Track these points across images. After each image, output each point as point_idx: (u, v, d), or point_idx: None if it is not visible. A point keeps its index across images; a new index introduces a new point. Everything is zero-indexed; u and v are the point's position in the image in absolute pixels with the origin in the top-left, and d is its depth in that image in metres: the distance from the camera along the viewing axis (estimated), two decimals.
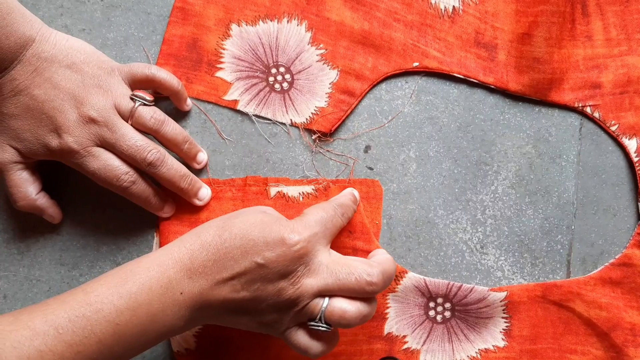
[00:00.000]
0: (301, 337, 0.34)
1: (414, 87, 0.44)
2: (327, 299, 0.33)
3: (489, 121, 0.44)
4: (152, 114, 0.38)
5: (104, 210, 0.41)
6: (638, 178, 0.43)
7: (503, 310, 0.42)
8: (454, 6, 0.44)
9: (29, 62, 0.35)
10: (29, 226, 0.41)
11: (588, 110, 0.44)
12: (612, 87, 0.43)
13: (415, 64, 0.43)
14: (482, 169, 0.43)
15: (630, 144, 0.43)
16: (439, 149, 0.43)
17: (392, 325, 0.41)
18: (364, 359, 0.41)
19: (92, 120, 0.36)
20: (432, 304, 0.42)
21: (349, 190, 0.41)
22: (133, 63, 0.39)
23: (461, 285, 0.41)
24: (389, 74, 0.43)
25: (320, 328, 0.33)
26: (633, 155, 0.43)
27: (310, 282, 0.33)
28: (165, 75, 0.39)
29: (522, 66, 0.43)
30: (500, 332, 0.42)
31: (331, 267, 0.33)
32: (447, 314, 0.42)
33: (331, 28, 0.43)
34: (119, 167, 0.36)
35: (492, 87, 0.44)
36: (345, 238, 0.41)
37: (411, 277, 0.41)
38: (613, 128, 0.43)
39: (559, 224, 0.43)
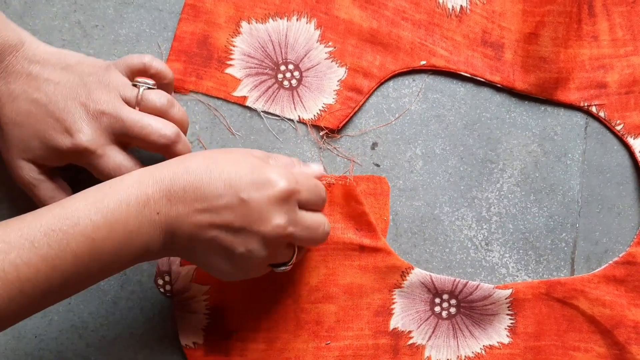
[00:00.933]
0: (262, 272, 0.36)
1: (421, 86, 0.44)
2: (295, 251, 0.36)
3: (495, 119, 0.44)
4: (159, 96, 0.37)
5: None
6: None
7: (508, 307, 0.42)
8: (461, 6, 0.44)
9: (20, 66, 0.35)
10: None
11: (593, 109, 0.44)
12: (617, 87, 0.44)
13: (423, 62, 0.44)
14: (487, 167, 0.44)
15: (636, 144, 0.44)
16: (445, 146, 0.44)
17: (398, 320, 0.42)
18: (370, 353, 0.42)
19: (101, 114, 0.35)
20: (437, 300, 0.42)
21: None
22: (126, 56, 0.38)
23: (467, 282, 0.42)
24: (396, 72, 0.44)
25: (284, 268, 0.36)
26: (638, 154, 0.43)
27: (291, 231, 0.33)
28: (160, 64, 0.38)
29: (529, 65, 0.44)
30: (505, 329, 0.42)
31: (307, 222, 0.35)
32: (453, 310, 0.42)
33: (340, 26, 0.43)
34: (129, 167, 0.36)
35: (499, 86, 0.44)
36: (353, 235, 0.42)
37: (417, 274, 0.42)
38: (618, 127, 0.44)
39: (564, 222, 0.43)
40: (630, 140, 0.44)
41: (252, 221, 0.32)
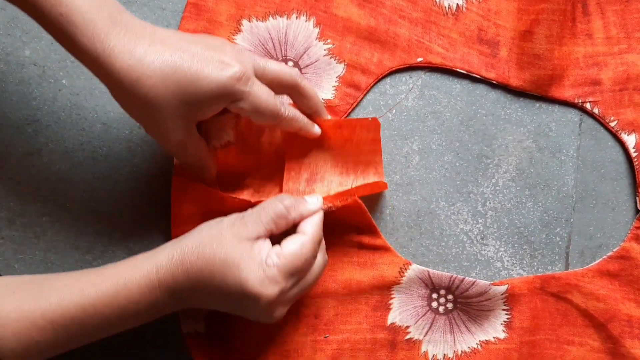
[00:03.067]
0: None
1: (417, 82, 0.45)
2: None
3: (490, 116, 0.45)
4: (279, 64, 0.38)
5: (117, 199, 0.43)
6: (636, 173, 0.44)
7: (504, 302, 0.43)
8: (457, 4, 0.45)
9: (140, 26, 0.33)
10: (46, 211, 0.43)
11: (588, 106, 0.45)
12: (611, 84, 0.44)
13: (420, 59, 0.45)
14: (483, 162, 0.44)
15: (629, 140, 0.44)
16: (441, 142, 0.44)
17: (396, 315, 0.42)
18: (368, 347, 0.42)
19: (242, 52, 0.35)
20: (434, 296, 0.43)
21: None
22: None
23: (463, 278, 0.42)
24: (393, 69, 0.44)
25: None
26: (632, 150, 0.44)
27: (284, 310, 0.36)
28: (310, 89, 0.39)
29: (524, 62, 0.44)
30: (501, 324, 0.43)
31: (301, 289, 0.36)
32: (450, 305, 0.43)
33: (338, 24, 0.44)
34: (274, 96, 0.36)
35: (494, 82, 0.45)
36: (353, 232, 0.42)
37: (415, 269, 0.42)
38: (612, 124, 0.44)
39: (558, 217, 0.44)
40: (624, 137, 0.44)
41: (248, 311, 0.36)
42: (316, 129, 0.40)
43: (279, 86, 0.37)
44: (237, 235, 0.34)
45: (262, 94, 0.35)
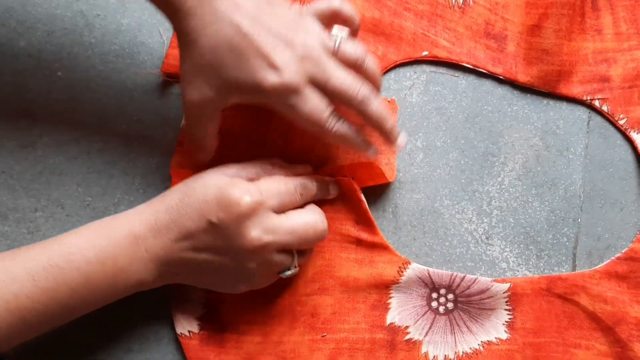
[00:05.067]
0: (272, 279, 0.38)
1: (422, 78, 0.44)
2: (295, 256, 0.37)
3: (496, 113, 0.44)
4: (355, 48, 0.36)
5: (112, 194, 0.42)
6: None
7: (506, 302, 0.42)
8: None
9: None
10: (39, 206, 0.42)
11: (596, 103, 0.44)
12: (621, 81, 0.43)
13: (425, 53, 0.43)
14: (489, 160, 0.43)
15: (638, 138, 0.43)
16: (446, 139, 0.43)
17: (395, 315, 0.41)
18: (366, 348, 0.41)
19: (305, 58, 0.33)
20: (434, 295, 0.42)
21: (321, 178, 0.40)
22: (315, 2, 0.37)
23: (464, 276, 0.41)
24: (398, 62, 0.43)
25: (291, 272, 0.37)
26: None
27: (268, 239, 0.34)
28: (349, 9, 0.37)
29: (531, 58, 0.43)
30: (503, 324, 0.42)
31: (284, 225, 0.35)
32: (450, 305, 0.42)
33: None
34: (326, 109, 0.35)
35: (501, 78, 0.44)
36: (351, 227, 0.41)
37: (414, 268, 0.41)
38: (621, 122, 0.43)
39: (565, 217, 0.43)
40: (634, 135, 0.43)
41: (229, 239, 0.34)
42: (371, 152, 0.39)
43: (349, 61, 0.36)
44: (217, 171, 0.36)
45: (306, 106, 0.34)
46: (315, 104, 0.34)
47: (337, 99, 0.36)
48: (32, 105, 0.42)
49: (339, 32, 0.37)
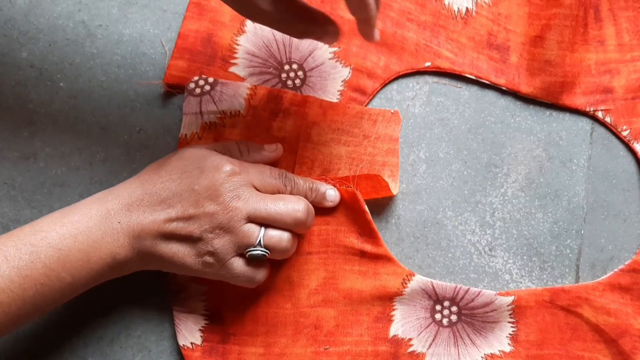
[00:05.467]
0: (241, 265, 0.36)
1: (425, 89, 0.44)
2: (262, 227, 0.36)
3: (499, 123, 0.44)
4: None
5: None
6: None
7: (510, 314, 0.41)
8: (467, 8, 0.44)
9: None
10: (41, 217, 0.41)
11: (599, 114, 0.43)
12: (624, 92, 0.43)
13: (427, 63, 0.43)
14: (491, 171, 0.43)
15: None
16: (448, 150, 0.43)
17: (398, 327, 0.41)
18: None
19: None
20: (438, 307, 0.41)
21: (317, 181, 0.40)
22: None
23: (468, 288, 0.41)
24: (400, 73, 0.43)
25: (258, 252, 0.36)
26: None
27: (240, 205, 0.35)
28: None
29: (534, 69, 0.43)
30: (507, 336, 0.41)
31: (260, 196, 0.36)
32: (454, 317, 0.41)
33: (344, 26, 0.43)
34: None
35: (504, 89, 0.44)
36: (355, 239, 0.41)
37: (418, 280, 0.41)
38: (624, 133, 0.43)
39: (569, 228, 0.43)
40: (637, 146, 0.43)
41: (203, 205, 0.34)
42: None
43: None
44: (190, 147, 0.37)
45: None
46: None
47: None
48: (34, 116, 0.42)
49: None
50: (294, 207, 0.36)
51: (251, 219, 0.36)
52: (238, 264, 0.36)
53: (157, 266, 0.37)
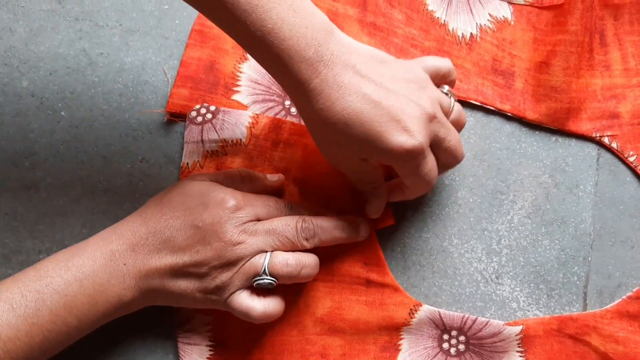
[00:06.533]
0: (244, 298, 0.35)
1: None
2: (268, 253, 0.35)
3: (505, 150, 0.43)
4: (460, 110, 0.38)
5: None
6: None
7: (518, 344, 0.41)
8: (471, 33, 0.44)
9: (344, 57, 0.32)
10: (43, 247, 0.41)
11: (606, 140, 0.43)
12: (630, 117, 0.43)
13: None
14: (497, 198, 0.43)
15: None
16: (454, 177, 0.43)
17: (406, 357, 0.41)
18: None
19: (432, 118, 0.34)
20: (446, 337, 0.41)
21: (354, 218, 0.40)
22: (426, 59, 0.37)
23: (476, 318, 0.41)
24: None
25: (265, 281, 0.35)
26: None
27: (249, 240, 0.35)
28: (455, 72, 0.38)
29: (540, 95, 0.43)
30: None
31: (266, 225, 0.35)
32: (462, 347, 0.41)
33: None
34: (436, 168, 0.36)
35: (509, 115, 0.43)
36: (360, 269, 0.41)
37: (426, 310, 0.41)
38: (631, 159, 0.43)
39: (576, 255, 0.42)
40: None
41: (208, 242, 0.34)
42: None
43: (458, 121, 0.38)
44: (191, 179, 0.37)
45: (426, 166, 0.34)
46: (433, 165, 0.35)
47: (442, 156, 0.36)
48: (35, 146, 0.41)
49: (451, 91, 0.38)
50: (293, 230, 0.36)
51: (259, 251, 0.35)
52: (240, 296, 0.35)
53: (164, 302, 0.36)
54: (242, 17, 0.30)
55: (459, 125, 0.38)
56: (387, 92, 0.33)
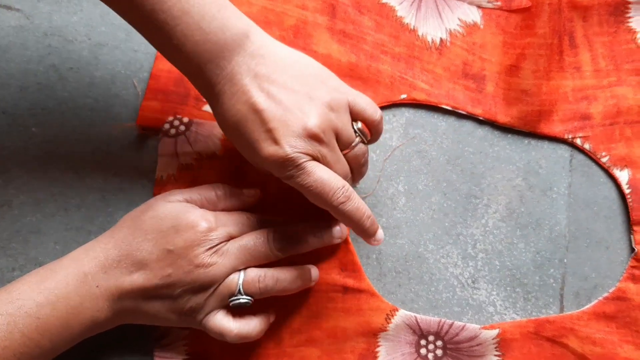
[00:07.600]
0: (219, 319, 0.35)
1: (402, 121, 0.43)
2: (242, 272, 0.35)
3: (478, 154, 0.43)
4: (363, 153, 0.37)
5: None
6: (630, 210, 0.42)
7: (495, 348, 0.41)
8: (441, 38, 0.44)
9: (246, 66, 0.33)
10: (16, 265, 0.41)
11: (578, 141, 0.43)
12: (602, 118, 0.43)
13: (403, 95, 0.43)
14: (472, 202, 0.43)
15: (622, 176, 0.43)
16: (428, 182, 0.43)
17: None
18: None
19: (313, 136, 0.33)
20: (423, 342, 0.41)
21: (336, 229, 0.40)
22: (356, 94, 0.36)
23: (452, 322, 0.40)
24: None
25: (241, 300, 0.35)
26: (625, 186, 0.42)
27: (220, 261, 0.35)
28: (377, 115, 0.37)
29: (511, 98, 0.43)
30: None
31: (237, 243, 0.35)
32: (439, 352, 0.41)
33: (318, 61, 0.42)
34: (335, 181, 0.34)
35: (481, 119, 0.43)
36: (336, 275, 0.41)
37: (402, 315, 0.40)
38: (604, 159, 0.43)
39: (551, 258, 0.42)
40: (617, 172, 0.43)
41: (180, 266, 0.34)
42: (378, 236, 0.37)
43: (355, 162, 0.37)
44: (163, 199, 0.37)
45: (307, 180, 0.33)
46: (318, 178, 0.33)
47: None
48: (7, 163, 0.41)
49: (364, 133, 0.36)
50: (271, 241, 0.36)
51: (232, 271, 0.35)
52: (215, 317, 0.35)
53: (140, 321, 0.36)
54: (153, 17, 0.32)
55: (356, 164, 0.37)
56: (275, 102, 0.33)
